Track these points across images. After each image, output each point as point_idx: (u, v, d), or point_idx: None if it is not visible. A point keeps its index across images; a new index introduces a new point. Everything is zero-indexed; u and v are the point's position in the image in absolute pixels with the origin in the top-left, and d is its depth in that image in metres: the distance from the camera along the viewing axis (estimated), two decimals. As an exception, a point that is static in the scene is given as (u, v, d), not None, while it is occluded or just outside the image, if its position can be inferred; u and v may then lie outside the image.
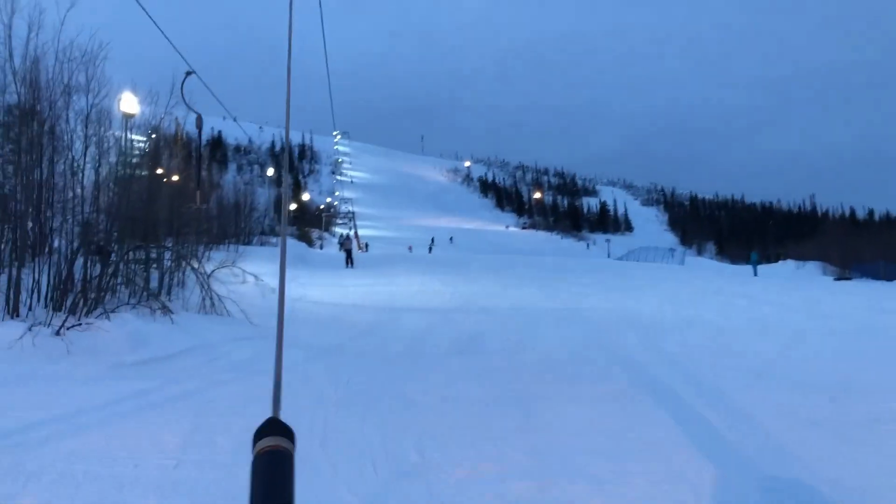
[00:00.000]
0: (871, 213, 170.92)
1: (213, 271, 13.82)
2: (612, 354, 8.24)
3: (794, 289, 19.73)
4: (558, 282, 20.25)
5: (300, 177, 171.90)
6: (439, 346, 9.02)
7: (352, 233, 71.58)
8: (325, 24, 9.14)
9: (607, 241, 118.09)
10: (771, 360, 7.89)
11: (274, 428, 1.09)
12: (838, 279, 34.67)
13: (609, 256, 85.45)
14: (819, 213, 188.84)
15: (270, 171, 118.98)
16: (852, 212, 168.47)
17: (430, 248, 67.87)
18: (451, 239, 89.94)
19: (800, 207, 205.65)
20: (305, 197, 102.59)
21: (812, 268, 41.92)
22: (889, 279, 33.09)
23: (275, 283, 14.84)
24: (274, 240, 32.91)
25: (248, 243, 29.09)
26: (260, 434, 1.08)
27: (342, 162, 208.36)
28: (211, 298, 10.83)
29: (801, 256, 53.00)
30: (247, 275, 14.31)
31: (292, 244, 32.41)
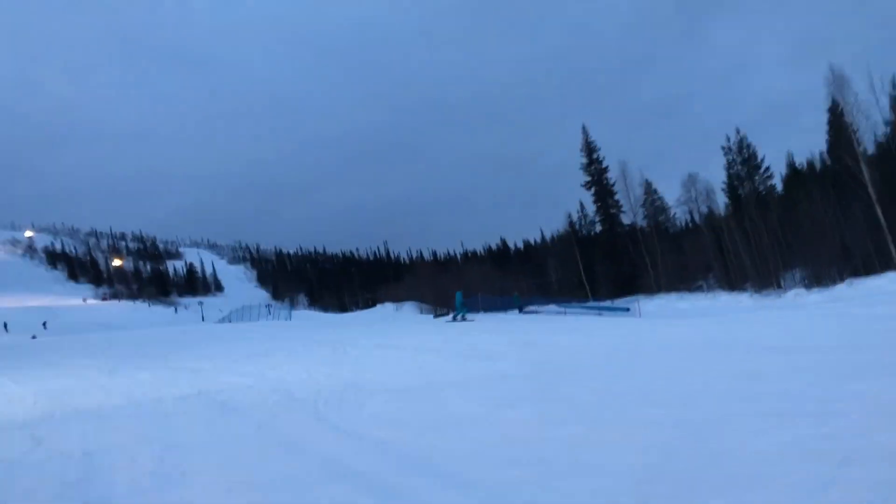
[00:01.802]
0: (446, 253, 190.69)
1: None
2: None
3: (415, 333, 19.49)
4: (167, 358, 17.11)
5: None
6: None
7: None
8: None
9: (200, 303, 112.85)
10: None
11: None
12: (437, 316, 36.59)
13: (203, 320, 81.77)
14: (393, 258, 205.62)
15: None
16: (434, 254, 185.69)
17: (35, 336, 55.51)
18: (44, 324, 75.88)
19: (376, 254, 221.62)
20: None
21: (409, 308, 44.00)
22: (493, 309, 36.01)
23: None
24: None
25: None
26: None
27: None
28: None
29: (395, 298, 55.83)
30: None
31: None
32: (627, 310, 33.82)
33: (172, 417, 9.12)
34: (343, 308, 76.61)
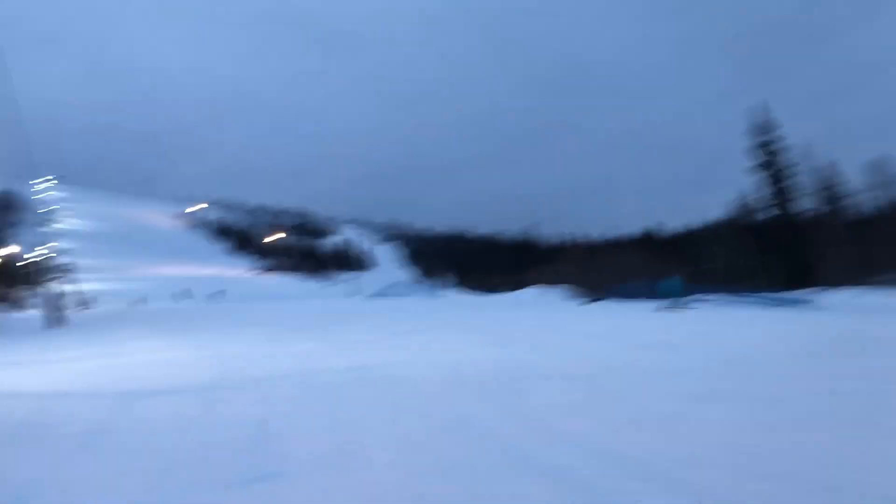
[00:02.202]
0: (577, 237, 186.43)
1: None
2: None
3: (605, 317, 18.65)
4: (329, 329, 17.35)
5: (4, 228, 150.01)
6: (207, 467, 5.60)
7: (63, 289, 61.84)
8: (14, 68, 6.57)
9: (353, 279, 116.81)
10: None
11: None
12: (590, 302, 35.40)
13: (356, 295, 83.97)
14: (539, 240, 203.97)
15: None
16: (582, 237, 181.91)
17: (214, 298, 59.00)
18: (220, 293, 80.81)
19: (523, 237, 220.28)
20: (9, 251, 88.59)
21: (557, 293, 42.93)
22: (649, 298, 34.21)
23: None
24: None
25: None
26: None
27: (57, 210, 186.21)
28: None
29: (543, 282, 54.92)
30: None
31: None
32: (809, 301, 31.04)
33: (340, 389, 8.91)
34: (490, 289, 76.27)
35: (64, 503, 4.87)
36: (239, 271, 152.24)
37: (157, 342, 15.54)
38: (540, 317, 19.55)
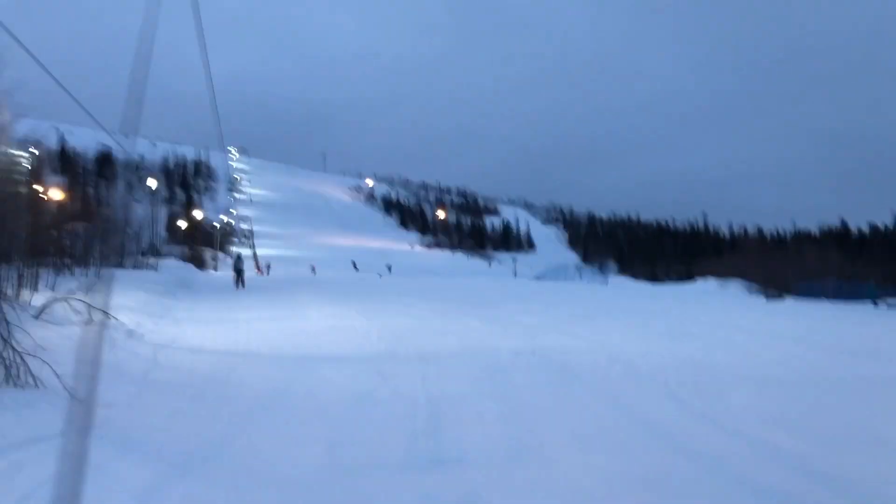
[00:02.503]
0: (756, 231, 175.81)
1: (43, 307, 9.89)
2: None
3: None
4: (495, 309, 17.10)
5: (194, 194, 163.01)
6: (382, 446, 5.45)
7: (248, 253, 66.07)
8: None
9: (514, 259, 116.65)
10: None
11: None
12: (774, 298, 33.00)
13: (516, 275, 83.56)
14: (712, 231, 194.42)
15: (152, 183, 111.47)
16: (759, 230, 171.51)
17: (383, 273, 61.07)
18: (389, 267, 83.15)
19: (693, 226, 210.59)
20: (199, 215, 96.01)
21: (736, 287, 40.40)
22: (840, 298, 31.46)
23: (139, 319, 10.88)
24: (155, 261, 28.15)
25: (120, 266, 24.51)
26: None
27: (240, 179, 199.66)
28: (3, 360, 6.70)
29: (715, 274, 52.02)
30: (93, 310, 10.38)
31: (177, 266, 27.95)
32: None
33: (510, 374, 8.58)
34: (655, 278, 73.58)
35: (253, 461, 4.85)
36: (404, 246, 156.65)
37: (331, 309, 15.95)
38: (720, 312, 18.27)
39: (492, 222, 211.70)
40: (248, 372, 8.58)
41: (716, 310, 19.43)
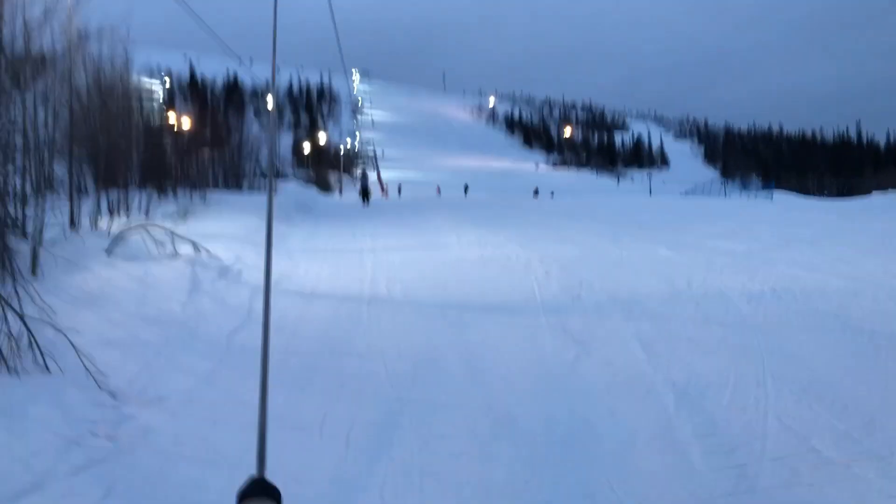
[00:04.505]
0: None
1: (114, 239, 7.65)
2: None
3: None
4: (678, 233, 13.75)
5: (318, 117, 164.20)
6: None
7: (372, 176, 64.29)
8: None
9: (649, 174, 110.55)
10: None
11: (258, 488, 0.95)
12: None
13: (651, 193, 78.33)
14: (866, 141, 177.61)
15: (269, 100, 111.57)
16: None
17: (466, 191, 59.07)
18: (535, 191, 79.26)
19: (843, 136, 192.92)
20: (323, 138, 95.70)
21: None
22: None
23: (240, 251, 8.56)
24: (274, 183, 26.25)
25: (238, 188, 22.78)
26: (243, 496, 0.95)
27: (362, 102, 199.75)
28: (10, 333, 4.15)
29: (882, 188, 45.72)
30: (179, 241, 8.09)
31: (298, 190, 26.08)
32: None
33: (770, 335, 5.56)
34: (816, 193, 66.82)
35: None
36: (530, 165, 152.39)
37: (474, 234, 13.14)
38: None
39: (622, 138, 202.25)
40: (376, 331, 6.01)
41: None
